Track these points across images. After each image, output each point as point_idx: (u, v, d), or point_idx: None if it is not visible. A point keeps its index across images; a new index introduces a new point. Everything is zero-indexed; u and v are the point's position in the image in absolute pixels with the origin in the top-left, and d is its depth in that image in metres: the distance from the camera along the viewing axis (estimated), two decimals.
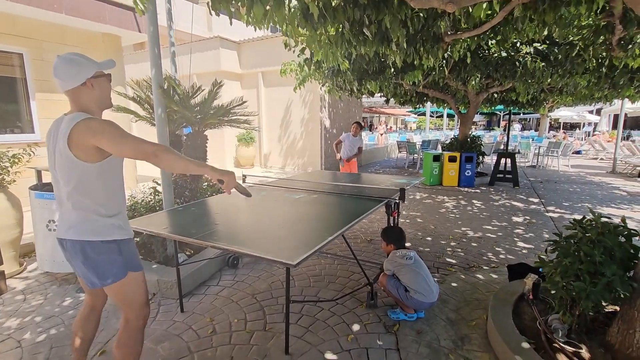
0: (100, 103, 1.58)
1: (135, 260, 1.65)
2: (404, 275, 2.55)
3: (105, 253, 1.54)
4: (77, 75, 1.49)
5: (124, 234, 1.61)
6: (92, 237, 1.53)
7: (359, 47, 3.98)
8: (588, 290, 1.88)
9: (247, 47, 10.56)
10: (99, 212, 1.54)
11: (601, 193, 7.28)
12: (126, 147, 1.44)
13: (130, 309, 1.66)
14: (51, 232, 3.01)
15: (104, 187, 1.54)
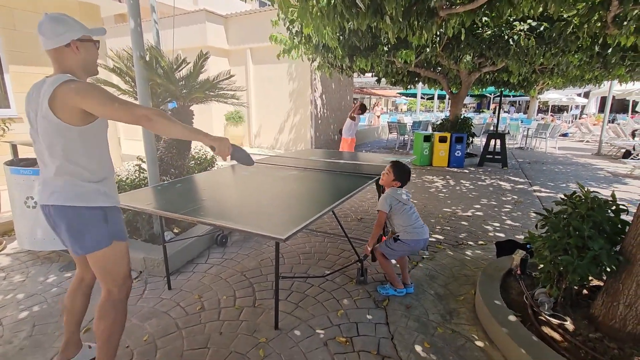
0: (85, 68, 1.51)
1: (120, 229, 1.60)
2: (400, 214, 2.49)
3: (90, 219, 1.49)
4: (62, 35, 1.42)
5: (109, 201, 1.55)
6: (76, 203, 1.47)
7: (352, 20, 3.83)
8: (575, 263, 1.90)
9: (234, 21, 10.15)
10: (84, 177, 1.48)
11: (586, 174, 7.41)
12: (115, 108, 1.37)
13: (113, 279, 1.60)
14: (30, 209, 2.89)
15: (88, 151, 1.48)
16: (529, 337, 1.91)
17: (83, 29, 1.47)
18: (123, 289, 1.63)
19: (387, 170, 2.55)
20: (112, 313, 1.60)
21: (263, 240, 3.58)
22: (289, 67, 9.82)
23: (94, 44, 1.52)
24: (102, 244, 1.53)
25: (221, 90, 3.69)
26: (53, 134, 1.41)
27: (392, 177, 2.53)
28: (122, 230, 1.62)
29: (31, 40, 5.14)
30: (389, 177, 2.54)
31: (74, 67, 1.48)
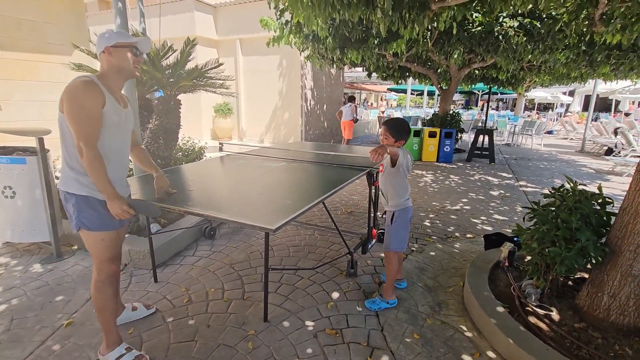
0: (120, 71, 1.67)
1: (90, 220, 1.67)
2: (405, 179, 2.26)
3: (67, 203, 1.67)
4: (100, 45, 1.63)
5: (83, 191, 1.64)
6: (61, 186, 1.66)
7: (343, 11, 3.78)
8: (563, 255, 1.93)
9: (224, 11, 9.95)
10: (70, 165, 1.63)
11: (570, 170, 7.58)
12: (72, 126, 1.52)
13: (93, 260, 1.76)
14: (8, 200, 2.77)
15: (73, 141, 1.58)
16: (516, 327, 1.93)
17: (118, 38, 1.63)
18: (101, 272, 1.75)
19: (382, 134, 2.18)
20: (94, 290, 1.76)
21: (252, 232, 3.54)
22: (279, 59, 9.70)
23: (129, 49, 1.66)
24: (74, 227, 1.69)
25: (210, 79, 3.60)
26: (59, 121, 1.59)
27: (395, 139, 2.16)
28: (93, 221, 1.67)
29: (10, 24, 4.92)
30: (389, 140, 2.17)
31: (108, 70, 1.65)
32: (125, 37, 1.67)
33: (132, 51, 1.68)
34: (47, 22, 5.30)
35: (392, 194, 2.28)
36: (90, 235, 1.69)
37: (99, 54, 1.66)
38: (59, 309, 2.24)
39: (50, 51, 5.38)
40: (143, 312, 2.17)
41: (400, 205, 2.28)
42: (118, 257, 1.82)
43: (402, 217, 2.28)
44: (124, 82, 1.74)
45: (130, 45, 1.67)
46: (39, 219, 2.85)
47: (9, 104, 5.00)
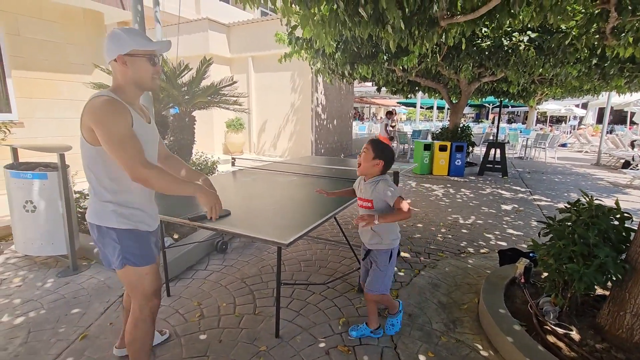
0: (137, 83, 1.43)
1: (135, 254, 1.50)
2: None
3: (104, 238, 1.49)
4: (110, 51, 1.38)
5: (124, 224, 1.47)
6: (94, 220, 1.48)
7: (353, 28, 3.87)
8: (581, 272, 1.88)
9: (237, 30, 10.26)
10: (103, 196, 1.45)
11: (586, 183, 7.42)
12: (118, 154, 1.32)
13: (135, 296, 1.57)
14: (28, 214, 2.86)
15: (108, 171, 1.42)
16: (534, 347, 1.88)
17: (133, 44, 1.38)
18: (145, 308, 1.58)
19: (364, 148, 1.95)
20: (133, 329, 1.58)
21: (263, 247, 3.55)
22: (290, 75, 9.89)
23: (147, 59, 1.41)
24: (115, 264, 1.51)
25: (224, 96, 3.70)
26: (81, 148, 1.43)
27: (372, 155, 1.92)
28: (139, 255, 1.51)
29: (34, 45, 5.18)
30: (367, 155, 1.93)
31: (123, 82, 1.43)
32: (141, 42, 1.40)
33: (151, 60, 1.42)
34: (69, 43, 5.56)
35: (388, 231, 2.00)
36: (136, 271, 1.52)
37: (110, 62, 1.41)
38: (74, 322, 2.28)
39: (72, 70, 5.63)
40: (157, 339, 2.05)
41: (396, 242, 2.05)
42: (160, 289, 1.65)
43: (395, 256, 2.07)
44: (141, 94, 1.53)
45: (149, 54, 1.41)
46: (58, 232, 2.92)
47: (31, 121, 5.21)
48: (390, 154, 1.97)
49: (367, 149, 1.94)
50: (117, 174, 1.43)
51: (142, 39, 1.41)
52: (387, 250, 2.02)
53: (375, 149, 1.93)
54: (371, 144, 1.95)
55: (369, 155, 1.93)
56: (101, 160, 1.40)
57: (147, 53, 1.41)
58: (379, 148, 1.94)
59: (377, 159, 1.92)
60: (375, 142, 1.96)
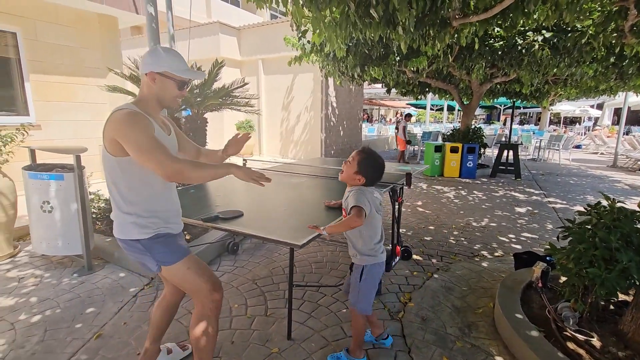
0: (159, 100, 1.51)
1: (163, 254, 1.52)
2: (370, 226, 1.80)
3: (134, 250, 1.52)
4: (146, 64, 1.46)
5: (144, 233, 1.48)
6: (119, 235, 1.52)
7: (364, 30, 3.85)
8: (603, 276, 1.82)
9: (247, 33, 10.35)
10: (121, 208, 1.49)
11: (603, 186, 7.24)
12: (147, 158, 1.34)
13: (193, 295, 1.58)
14: (46, 214, 2.91)
15: (128, 182, 1.46)
16: (554, 353, 1.82)
17: (168, 67, 1.44)
18: (206, 303, 1.57)
19: (351, 157, 1.79)
20: (197, 327, 1.58)
21: (274, 248, 3.55)
22: (300, 77, 9.92)
23: (176, 83, 1.48)
24: (153, 269, 1.54)
25: (235, 98, 3.72)
26: (104, 161, 1.46)
27: (354, 169, 1.75)
28: (168, 253, 1.52)
29: (51, 50, 5.30)
30: (349, 168, 1.77)
31: (147, 96, 1.50)
32: (177, 67, 1.46)
33: (179, 85, 1.50)
34: (84, 47, 5.68)
35: (359, 243, 1.83)
36: (173, 268, 1.54)
37: (141, 74, 1.50)
38: (89, 321, 2.30)
39: (87, 74, 5.75)
40: (179, 355, 1.97)
41: (370, 260, 1.83)
42: (218, 283, 1.61)
43: (373, 275, 1.84)
44: (161, 109, 1.59)
45: (179, 79, 1.48)
46: (73, 232, 2.97)
47: (48, 124, 5.33)
48: (375, 173, 1.78)
49: (352, 160, 1.77)
50: (136, 183, 1.47)
51: (178, 64, 1.47)
52: (358, 266, 1.85)
53: (360, 163, 1.74)
54: (358, 157, 1.76)
55: (352, 168, 1.76)
56: (120, 170, 1.43)
57: (176, 78, 1.48)
58: (365, 164, 1.74)
59: (360, 174, 1.75)
60: (363, 156, 1.76)
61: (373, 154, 1.79)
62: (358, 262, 1.86)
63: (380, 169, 1.79)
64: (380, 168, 1.79)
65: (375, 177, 1.79)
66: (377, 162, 1.78)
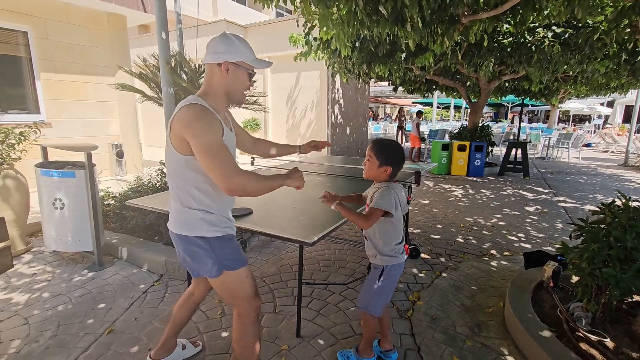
0: (228, 93, 1.42)
1: (231, 259, 1.48)
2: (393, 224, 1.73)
3: (195, 248, 1.44)
4: (219, 53, 1.36)
5: (214, 232, 1.43)
6: (182, 231, 1.43)
7: (372, 27, 3.83)
8: (618, 276, 1.79)
9: (253, 31, 10.35)
10: (190, 205, 1.41)
11: (614, 185, 7.13)
12: (212, 166, 1.26)
13: (236, 303, 1.53)
14: (57, 211, 2.95)
15: (197, 179, 1.39)
16: (566, 354, 1.80)
17: (243, 56, 1.37)
18: (250, 312, 1.52)
19: (367, 155, 1.72)
20: (244, 335, 1.54)
21: (282, 246, 3.56)
22: (306, 75, 9.91)
23: (248, 74, 1.42)
24: (212, 273, 1.46)
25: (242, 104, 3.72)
26: (169, 156, 1.39)
27: (377, 163, 1.68)
28: (234, 259, 1.48)
29: (61, 49, 5.36)
30: (372, 164, 1.69)
31: (217, 89, 1.40)
32: (251, 56, 1.39)
33: (250, 76, 1.43)
34: (94, 46, 5.73)
35: (379, 243, 1.76)
36: (235, 275, 1.48)
37: (211, 63, 1.38)
38: (100, 317, 2.33)
39: (97, 73, 5.80)
40: (191, 351, 1.97)
41: (390, 260, 1.76)
42: (257, 289, 1.60)
43: (392, 276, 1.78)
44: (228, 104, 1.52)
45: (251, 69, 1.42)
46: (84, 229, 3.00)
47: (58, 122, 5.40)
48: (397, 155, 1.69)
49: (370, 156, 1.69)
50: (206, 182, 1.40)
51: (251, 54, 1.40)
52: (378, 267, 1.78)
53: (379, 154, 1.67)
54: (373, 149, 1.68)
55: (374, 162, 1.68)
56: (188, 168, 1.36)
57: (250, 68, 1.41)
58: (383, 152, 1.68)
59: (385, 165, 1.67)
60: (377, 146, 1.69)
61: (385, 140, 1.73)
62: (378, 262, 1.77)
63: (399, 151, 1.70)
64: (399, 149, 1.71)
65: (400, 160, 1.70)
66: (393, 145, 1.71)
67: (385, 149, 1.68)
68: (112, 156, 6.08)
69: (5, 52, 4.90)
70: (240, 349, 1.56)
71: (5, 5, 4.73)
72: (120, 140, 6.20)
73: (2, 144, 3.18)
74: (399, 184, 1.73)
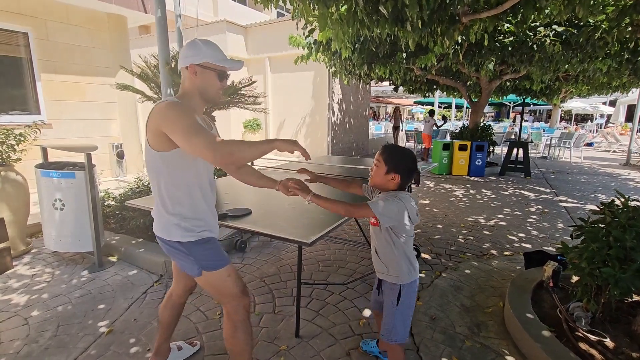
0: (202, 94, 1.45)
1: (209, 260, 1.49)
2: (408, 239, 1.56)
3: (175, 251, 1.48)
4: (186, 57, 1.41)
5: (189, 237, 1.45)
6: (160, 234, 1.48)
7: (372, 27, 3.82)
8: (617, 276, 1.78)
9: (254, 31, 10.36)
10: (166, 208, 1.44)
11: (615, 184, 7.10)
12: (193, 142, 1.24)
13: (226, 301, 1.55)
14: (57, 211, 2.96)
15: (173, 180, 1.40)
16: (565, 354, 1.80)
17: (208, 57, 1.40)
18: (238, 309, 1.54)
19: (376, 160, 1.55)
20: (235, 333, 1.55)
21: (282, 246, 3.56)
22: (306, 75, 9.91)
23: (216, 74, 1.44)
24: (194, 272, 1.50)
25: (243, 96, 3.73)
26: (146, 156, 1.42)
27: (384, 170, 1.50)
28: (213, 260, 1.49)
29: (61, 49, 5.37)
30: (379, 170, 1.52)
31: (190, 91, 1.44)
32: (215, 56, 1.42)
33: (220, 76, 1.46)
34: (94, 47, 5.75)
35: (393, 262, 1.57)
36: (216, 275, 1.50)
37: (182, 68, 1.44)
38: (100, 317, 2.34)
39: (97, 73, 5.82)
40: (189, 351, 1.98)
41: (405, 277, 1.58)
42: (246, 287, 1.61)
43: (411, 294, 1.61)
44: (204, 105, 1.54)
45: (219, 69, 1.45)
46: (84, 230, 3.01)
47: (59, 122, 5.41)
48: (408, 163, 1.51)
49: (378, 161, 1.53)
50: (181, 181, 1.42)
51: (217, 54, 1.43)
52: (394, 286, 1.58)
53: (388, 159, 1.50)
54: (383, 154, 1.52)
55: (381, 169, 1.51)
56: (165, 167, 1.39)
57: (217, 68, 1.43)
58: (393, 158, 1.50)
59: (393, 172, 1.49)
60: (388, 152, 1.52)
61: (397, 146, 1.56)
62: (393, 280, 1.59)
63: (412, 160, 1.53)
64: (412, 158, 1.53)
65: (411, 168, 1.52)
66: (406, 153, 1.54)
67: (395, 155, 1.52)
68: (113, 157, 6.09)
69: (5, 53, 4.92)
70: (231, 346, 1.58)
71: (5, 6, 4.75)
72: (121, 140, 6.21)
73: (3, 144, 3.19)
74: (408, 194, 1.53)
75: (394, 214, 1.45)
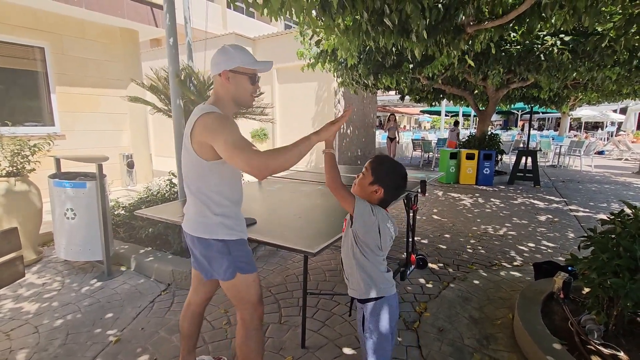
0: (234, 99, 1.49)
1: (245, 262, 1.53)
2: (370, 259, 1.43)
3: (213, 252, 1.49)
4: (218, 64, 1.44)
5: (233, 235, 1.50)
6: (201, 234, 1.49)
7: (377, 38, 3.87)
8: (627, 287, 1.75)
9: (262, 43, 10.56)
10: (210, 209, 1.47)
11: (628, 193, 6.96)
12: (239, 157, 1.28)
13: (243, 307, 1.58)
14: (69, 221, 3.02)
15: (218, 185, 1.46)
16: None
17: (239, 62, 1.43)
18: (254, 317, 1.58)
19: (364, 167, 1.46)
20: (248, 341, 1.58)
21: (288, 255, 3.56)
22: (313, 85, 10.02)
23: (248, 77, 1.47)
24: (225, 275, 1.51)
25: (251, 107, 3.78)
26: (188, 163, 1.45)
27: (369, 180, 1.41)
28: (247, 262, 1.54)
29: (76, 63, 5.55)
30: (363, 179, 1.43)
31: (224, 97, 1.48)
32: (247, 60, 1.45)
33: (252, 79, 1.48)
34: (107, 60, 5.92)
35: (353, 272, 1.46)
36: (245, 279, 1.53)
37: (214, 75, 1.47)
38: (108, 326, 2.36)
39: (109, 86, 5.98)
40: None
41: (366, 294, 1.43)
42: (262, 295, 1.65)
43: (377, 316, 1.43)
44: (237, 110, 1.58)
45: (251, 73, 1.47)
46: (94, 239, 3.06)
47: (72, 134, 5.55)
48: (395, 179, 1.42)
49: (366, 169, 1.44)
50: (224, 187, 1.48)
51: (247, 58, 1.46)
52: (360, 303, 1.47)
53: (376, 170, 1.41)
54: (372, 163, 1.44)
55: (366, 178, 1.42)
56: (210, 174, 1.43)
57: (249, 72, 1.46)
58: (380, 170, 1.41)
59: (377, 184, 1.39)
60: (377, 162, 1.44)
61: (390, 160, 1.46)
62: (352, 294, 1.49)
63: (401, 175, 1.43)
64: (401, 174, 1.44)
65: (397, 186, 1.43)
66: (396, 168, 1.44)
67: (385, 167, 1.42)
68: (123, 167, 6.21)
69: (23, 67, 5.10)
70: (242, 353, 1.59)
71: (23, 22, 4.94)
72: (131, 151, 6.33)
73: (18, 155, 3.28)
74: (388, 215, 1.43)
75: (368, 224, 1.36)
